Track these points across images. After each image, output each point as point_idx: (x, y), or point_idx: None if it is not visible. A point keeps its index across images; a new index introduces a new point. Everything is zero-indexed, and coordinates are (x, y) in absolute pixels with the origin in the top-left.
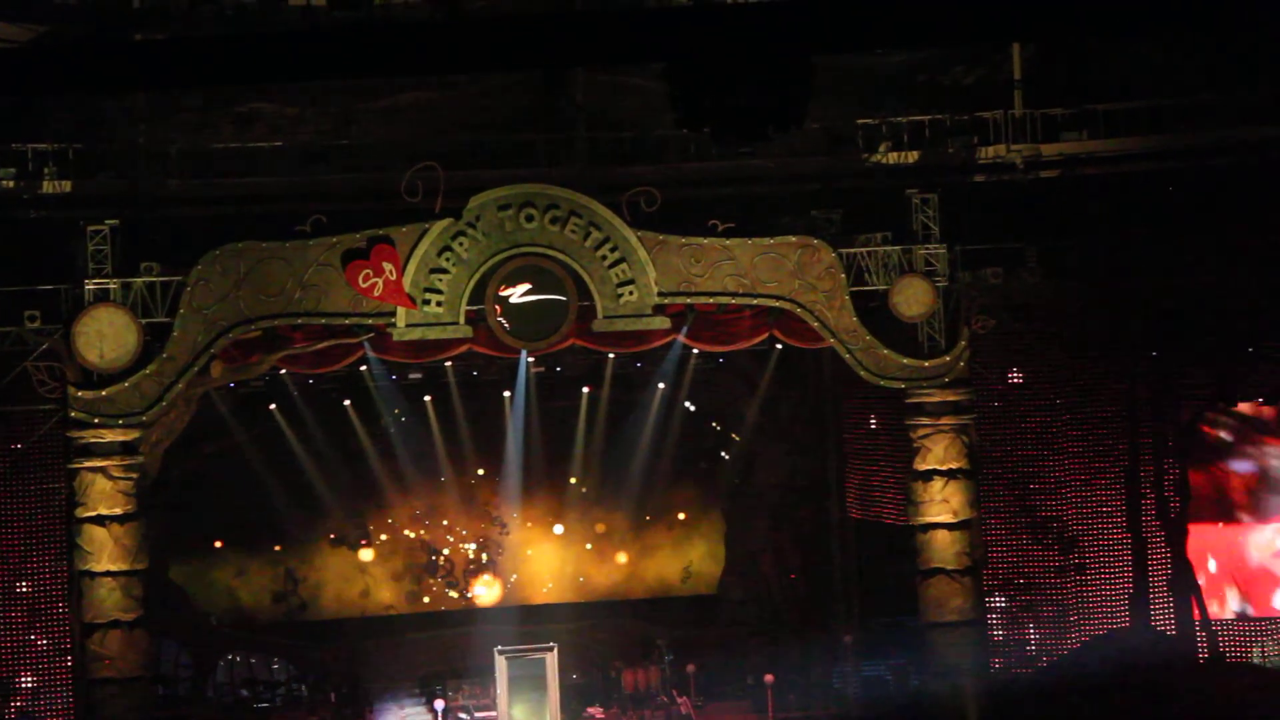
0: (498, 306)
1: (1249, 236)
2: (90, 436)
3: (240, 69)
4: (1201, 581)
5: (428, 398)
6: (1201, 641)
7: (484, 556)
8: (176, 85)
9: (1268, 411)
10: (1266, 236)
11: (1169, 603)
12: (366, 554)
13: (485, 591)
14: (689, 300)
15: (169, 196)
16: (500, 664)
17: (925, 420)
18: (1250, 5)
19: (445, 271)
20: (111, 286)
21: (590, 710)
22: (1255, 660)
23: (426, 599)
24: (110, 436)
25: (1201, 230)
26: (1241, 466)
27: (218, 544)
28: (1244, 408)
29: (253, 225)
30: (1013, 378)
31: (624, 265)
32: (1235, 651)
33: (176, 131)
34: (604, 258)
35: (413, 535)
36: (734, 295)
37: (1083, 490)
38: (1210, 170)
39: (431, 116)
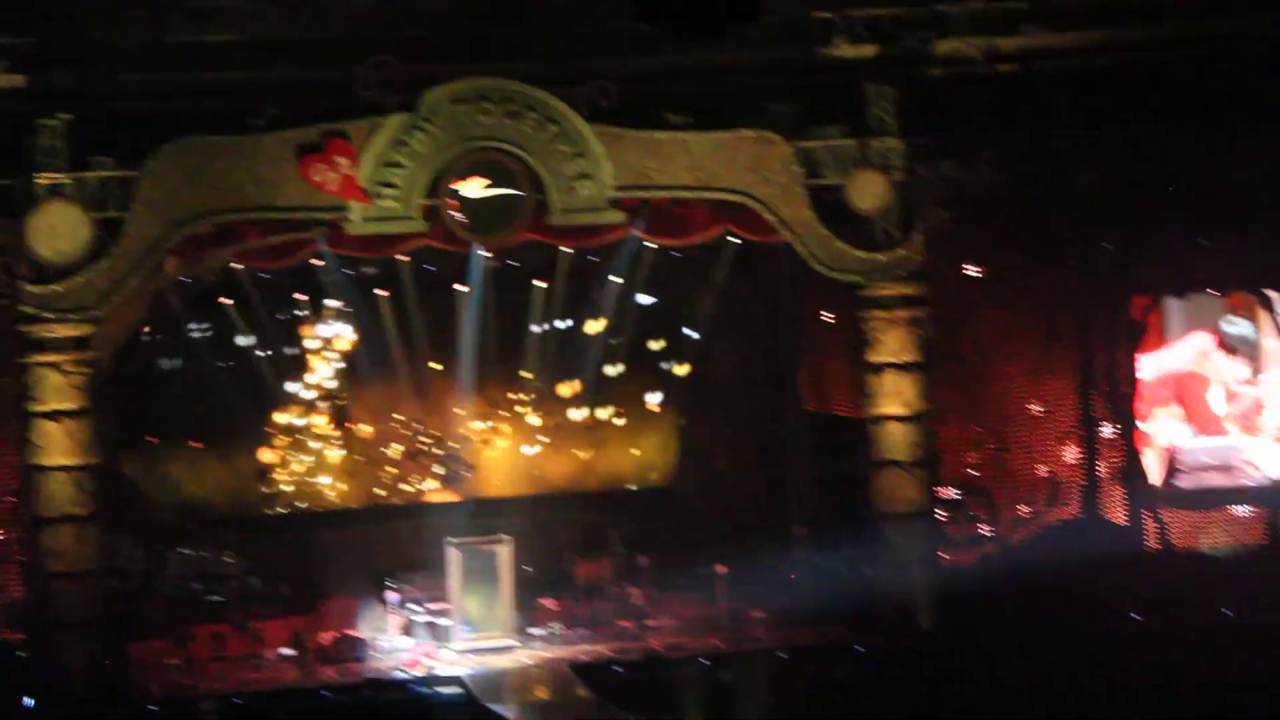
0: (453, 200)
1: (1204, 129)
2: (43, 331)
3: None
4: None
5: (382, 291)
6: (1150, 531)
7: (437, 450)
8: None
9: None
10: (1222, 129)
11: (1119, 493)
12: (325, 448)
13: (438, 485)
14: (644, 194)
15: (122, 91)
16: (452, 556)
17: (879, 313)
18: None
19: (400, 166)
20: (64, 181)
21: (543, 602)
22: (1203, 550)
23: (379, 492)
24: (63, 331)
25: (1157, 123)
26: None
27: (174, 445)
28: None
29: (207, 120)
30: (967, 271)
31: (580, 159)
32: (1183, 540)
33: (129, 25)
34: (560, 151)
35: (366, 429)
36: (689, 189)
37: (1035, 382)
38: (1167, 63)
39: (387, 9)
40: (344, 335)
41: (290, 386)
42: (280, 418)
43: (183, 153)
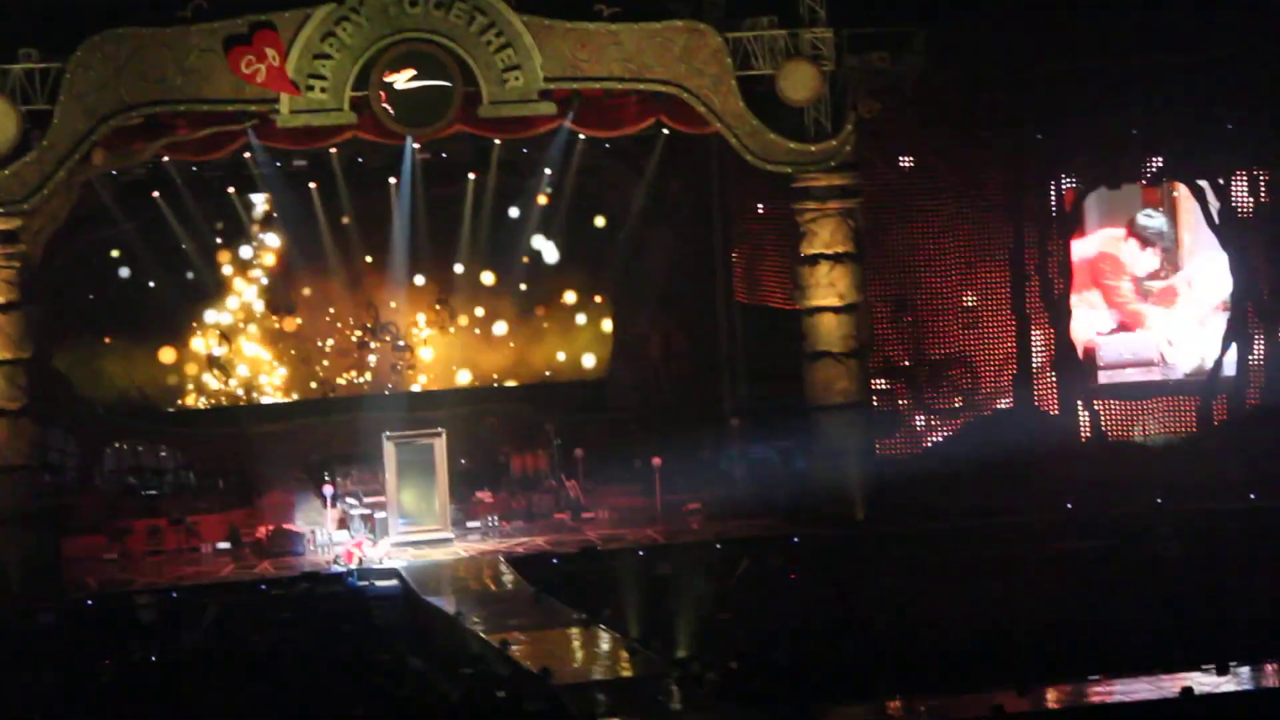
0: (382, 93)
1: (1136, 16)
2: None
3: None
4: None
5: (313, 185)
6: (1084, 421)
7: (371, 342)
8: None
9: None
10: (1148, 22)
11: (1052, 383)
12: (258, 341)
13: (372, 377)
14: (575, 85)
15: None
16: (388, 449)
17: (812, 205)
18: None
19: (329, 57)
20: None
21: (479, 495)
22: (1136, 439)
23: (314, 385)
24: None
25: (1087, 13)
26: None
27: (106, 340)
28: None
29: (133, 11)
30: (899, 161)
31: (509, 50)
32: (1116, 431)
33: None
34: (489, 43)
35: (300, 322)
36: (620, 80)
37: (968, 272)
38: None
39: None
40: (276, 228)
41: (223, 280)
42: (213, 311)
43: (109, 44)
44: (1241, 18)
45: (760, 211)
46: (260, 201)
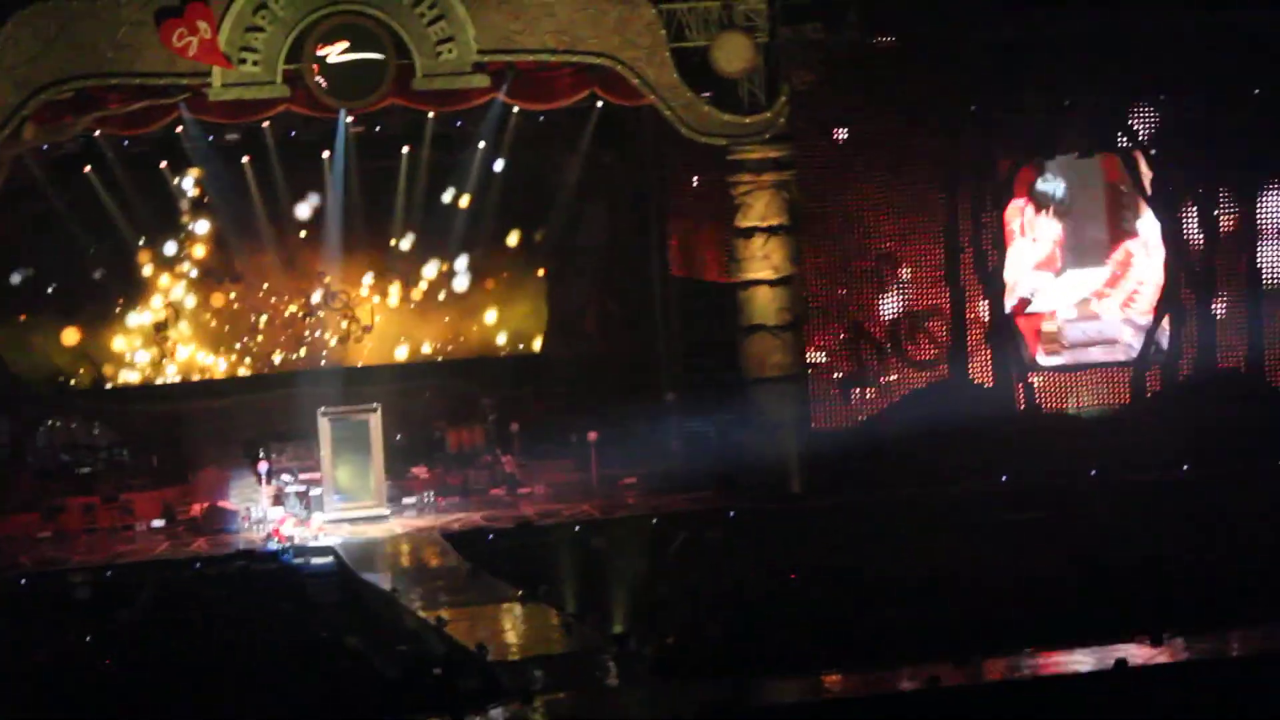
0: (315, 65)
1: None
2: None
3: None
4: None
5: (246, 159)
6: (1019, 393)
7: (306, 318)
8: None
9: None
10: None
11: (987, 356)
12: (191, 316)
13: (306, 353)
14: (509, 58)
15: None
16: (324, 425)
17: (746, 177)
18: None
19: (261, 30)
20: None
21: (415, 470)
22: (1070, 411)
23: (248, 362)
24: None
25: None
26: None
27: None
28: None
29: None
30: (834, 134)
31: (443, 22)
32: (1050, 402)
33: None
34: (422, 15)
35: (233, 297)
36: (554, 52)
37: (903, 245)
38: None
39: None
40: (208, 206)
41: (155, 255)
42: (146, 287)
43: (39, 17)
44: None
45: (695, 185)
46: (190, 185)
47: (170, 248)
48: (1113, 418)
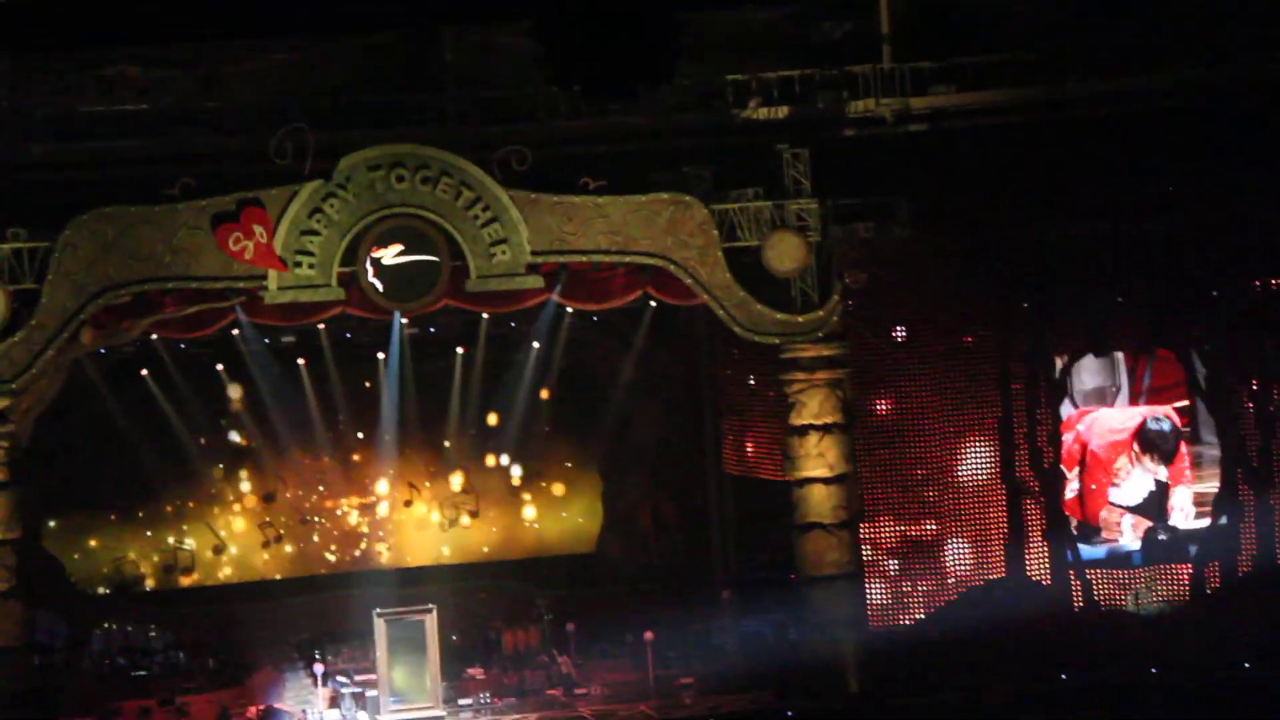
0: (370, 268)
1: (1116, 187)
2: None
3: (105, 32)
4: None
5: (301, 360)
6: (1076, 590)
7: (361, 518)
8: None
9: None
10: (1132, 186)
11: (1043, 553)
12: (248, 519)
13: (362, 554)
14: (562, 259)
15: (34, 162)
16: (379, 627)
17: (800, 375)
18: None
19: (316, 233)
20: None
21: (471, 671)
22: (1129, 608)
23: (304, 562)
24: None
25: (1069, 181)
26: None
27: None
28: None
29: (120, 189)
30: (886, 332)
31: (496, 225)
32: (1109, 599)
33: (41, 96)
34: (476, 217)
35: (290, 498)
36: (607, 253)
37: (957, 442)
38: (1078, 121)
39: (299, 78)
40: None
41: (211, 457)
42: (202, 489)
43: (97, 223)
44: (1224, 185)
45: (748, 382)
46: (234, 392)
47: (226, 450)
48: (1172, 615)
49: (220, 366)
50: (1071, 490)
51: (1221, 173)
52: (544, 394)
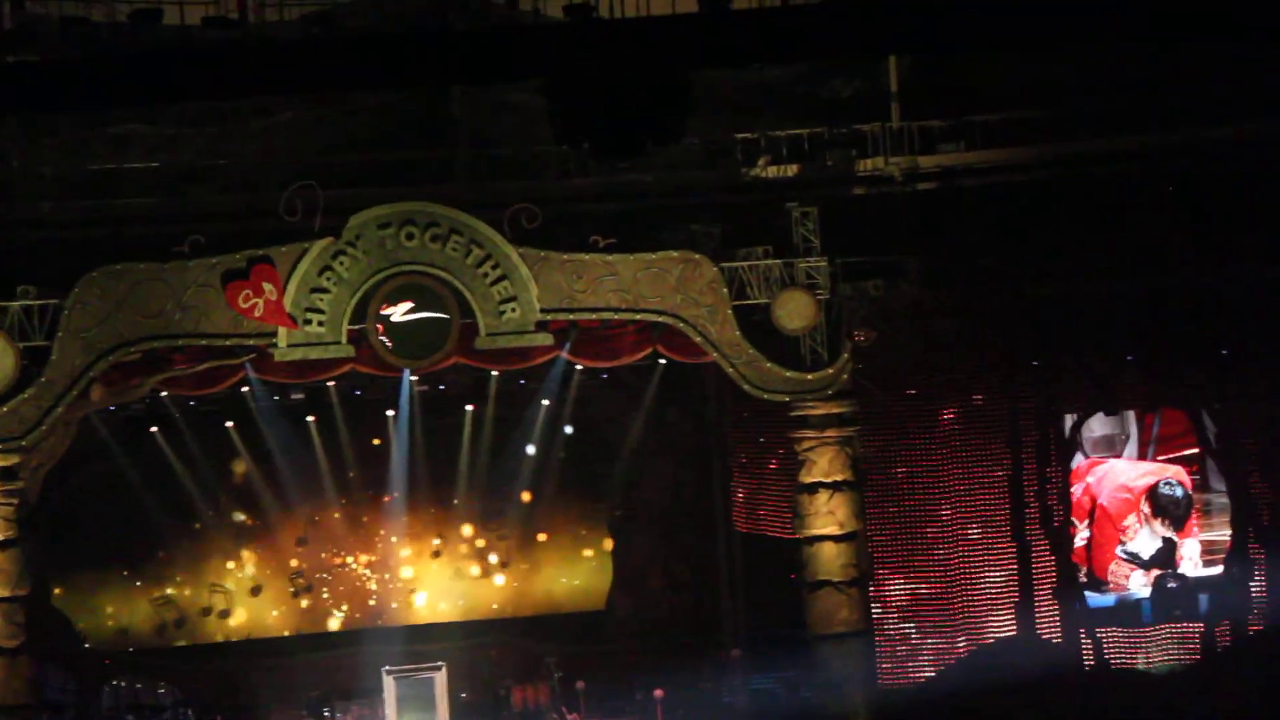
0: (380, 325)
1: (1125, 245)
2: None
3: (116, 90)
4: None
5: (311, 418)
6: (1087, 649)
7: (370, 575)
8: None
9: None
10: (1142, 245)
11: (1054, 610)
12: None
13: (370, 610)
14: (571, 316)
15: (44, 219)
16: (389, 684)
17: (810, 433)
18: (1114, 18)
19: (326, 291)
20: None
21: None
22: (1140, 667)
23: (311, 620)
24: None
25: (1078, 240)
26: None
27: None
28: None
29: (130, 247)
30: (896, 389)
31: (506, 282)
32: (1120, 658)
33: (50, 153)
34: (485, 275)
35: (297, 558)
36: (616, 311)
37: (966, 499)
38: (1086, 180)
39: (308, 136)
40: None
41: (220, 514)
42: (211, 546)
43: (107, 280)
44: (1234, 245)
45: (759, 440)
46: (239, 466)
47: (234, 507)
48: (1184, 674)
49: (230, 424)
50: (1081, 539)
51: (1231, 232)
52: (530, 449)
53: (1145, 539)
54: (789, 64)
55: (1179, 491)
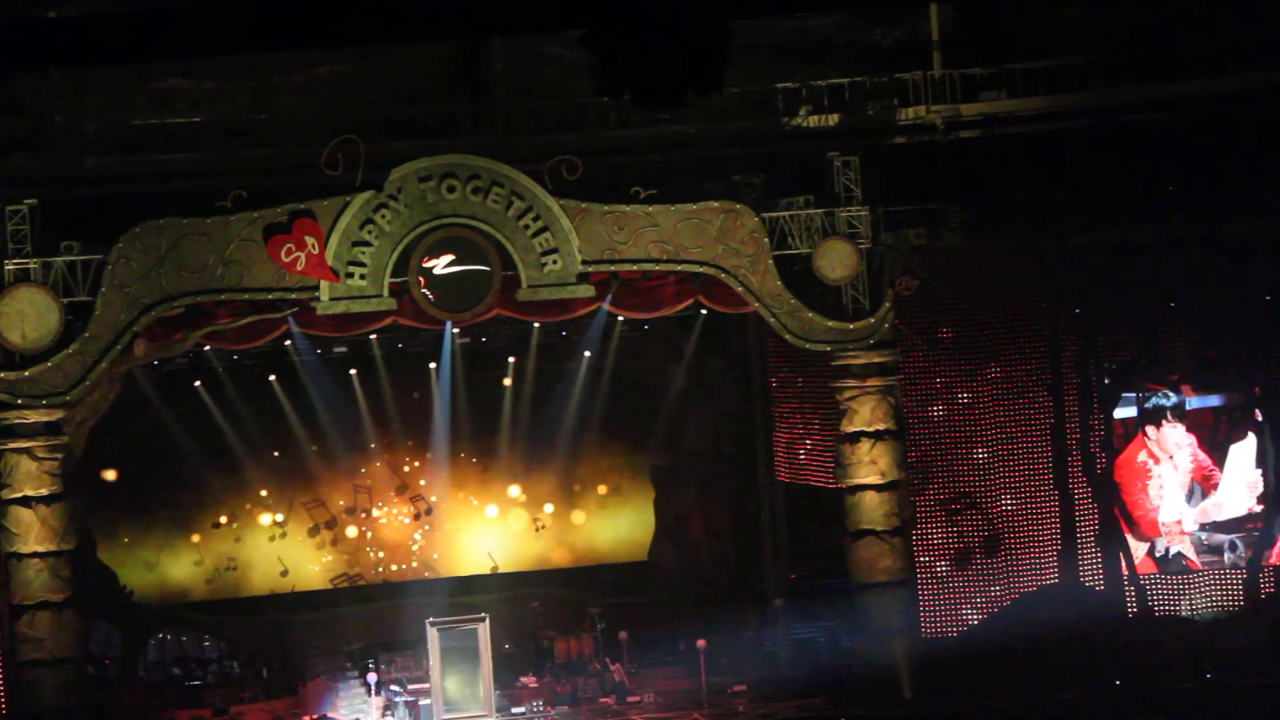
0: (421, 278)
1: (1167, 192)
2: (14, 417)
3: (157, 45)
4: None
5: (353, 371)
6: (1130, 596)
7: (412, 528)
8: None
9: None
10: (1185, 192)
11: (1097, 558)
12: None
13: (414, 563)
14: (613, 268)
15: (87, 175)
16: (432, 636)
17: (851, 382)
18: None
19: (368, 244)
20: (31, 266)
21: (523, 680)
22: (1183, 614)
23: (356, 572)
24: (34, 417)
25: (1120, 187)
26: None
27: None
28: None
29: (172, 202)
30: (938, 337)
31: (547, 234)
32: (1163, 605)
33: (93, 109)
34: (527, 227)
35: (342, 507)
36: (658, 262)
37: (1008, 447)
38: (1128, 127)
39: (350, 89)
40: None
41: (264, 468)
42: (254, 500)
43: (149, 235)
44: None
45: (800, 390)
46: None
47: (278, 460)
48: (1227, 620)
49: (273, 378)
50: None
51: (1277, 178)
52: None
53: (1171, 488)
54: (830, 13)
55: (1165, 397)
